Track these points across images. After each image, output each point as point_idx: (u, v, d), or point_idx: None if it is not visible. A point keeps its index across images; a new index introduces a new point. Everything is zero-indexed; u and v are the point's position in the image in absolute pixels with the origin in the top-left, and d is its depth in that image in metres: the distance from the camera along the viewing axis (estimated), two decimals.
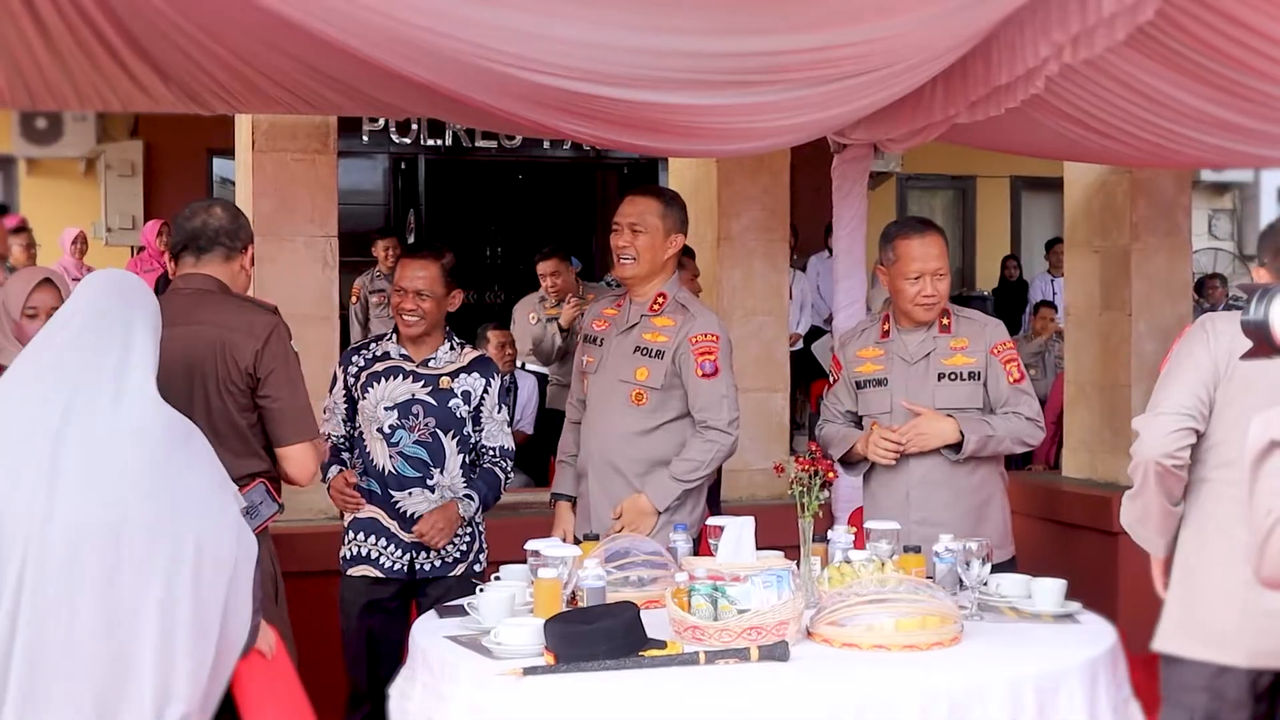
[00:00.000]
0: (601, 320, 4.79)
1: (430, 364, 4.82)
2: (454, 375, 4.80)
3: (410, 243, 11.57)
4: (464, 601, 3.80)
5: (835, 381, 4.86)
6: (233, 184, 7.41)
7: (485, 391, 4.83)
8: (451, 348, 4.88)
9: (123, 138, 12.47)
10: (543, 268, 8.61)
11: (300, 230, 6.46)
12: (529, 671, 3.21)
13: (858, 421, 4.77)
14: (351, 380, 4.85)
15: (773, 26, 4.14)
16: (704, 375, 4.53)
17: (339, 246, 6.54)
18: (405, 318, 4.79)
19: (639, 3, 3.96)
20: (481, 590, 3.78)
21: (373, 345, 4.93)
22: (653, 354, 4.58)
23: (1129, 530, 3.79)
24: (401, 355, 4.83)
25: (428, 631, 3.70)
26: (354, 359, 4.89)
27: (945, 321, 4.63)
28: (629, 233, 4.64)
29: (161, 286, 6.02)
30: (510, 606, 3.67)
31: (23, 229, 9.67)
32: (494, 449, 4.88)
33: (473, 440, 4.86)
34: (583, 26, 3.97)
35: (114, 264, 11.49)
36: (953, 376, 4.58)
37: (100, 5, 4.41)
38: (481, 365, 4.89)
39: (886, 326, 4.71)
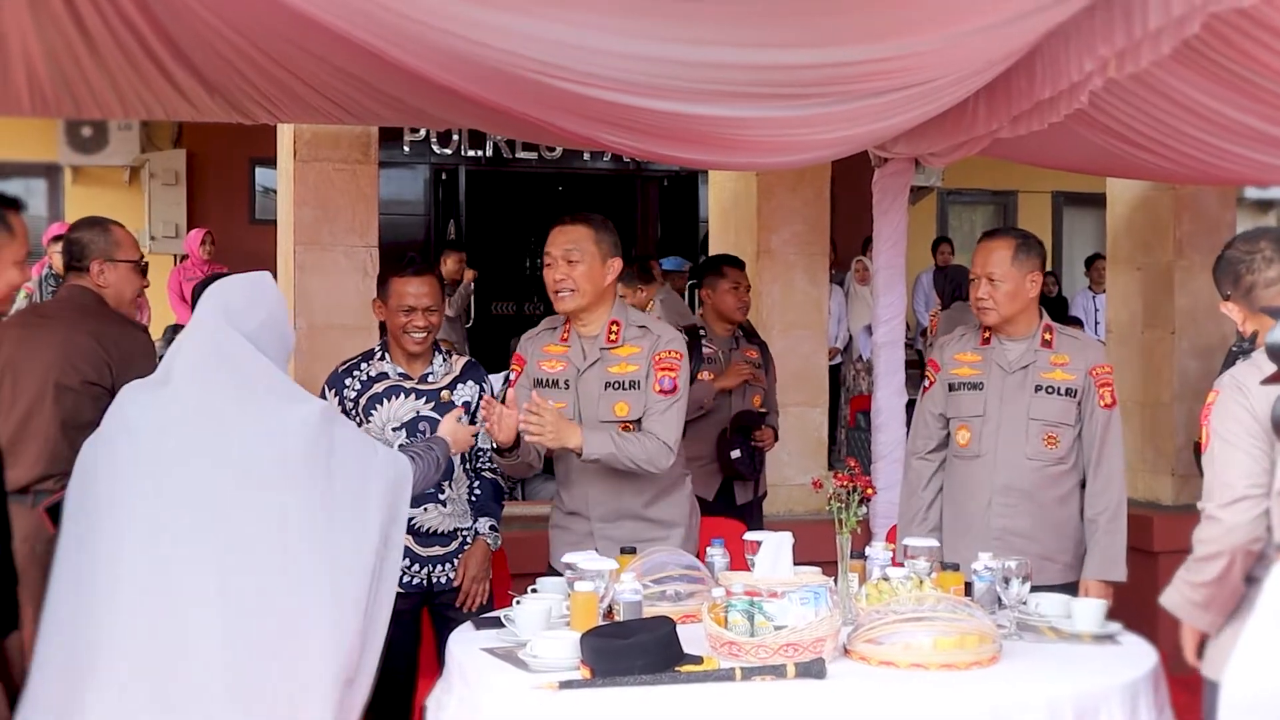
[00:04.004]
0: (551, 361, 4.51)
1: (429, 379, 4.74)
2: (451, 387, 4.74)
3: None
4: (501, 613, 3.79)
5: (931, 384, 4.86)
6: (274, 193, 7.45)
7: (480, 397, 4.73)
8: (443, 359, 4.81)
9: (166, 147, 12.57)
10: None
11: (340, 240, 6.49)
12: (565, 685, 3.20)
13: (946, 424, 4.78)
14: (349, 404, 4.70)
15: (817, 40, 4.13)
16: (662, 391, 4.38)
17: (378, 257, 6.57)
18: (414, 335, 4.67)
19: (684, 16, 3.95)
20: (518, 602, 3.76)
21: (364, 365, 4.77)
22: (626, 386, 4.41)
23: (1178, 610, 3.51)
24: (399, 374, 4.73)
25: (464, 643, 3.68)
26: (347, 381, 4.74)
27: (1048, 337, 4.62)
28: (564, 264, 4.39)
29: (200, 292, 6.05)
30: (547, 619, 3.65)
31: (63, 237, 9.74)
32: (486, 451, 4.76)
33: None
34: (627, 39, 3.97)
35: (158, 272, 11.58)
36: (1049, 390, 4.57)
37: (145, 15, 4.44)
38: (473, 371, 4.83)
39: (988, 334, 4.70)
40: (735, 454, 6.25)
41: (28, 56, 4.77)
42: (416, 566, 4.65)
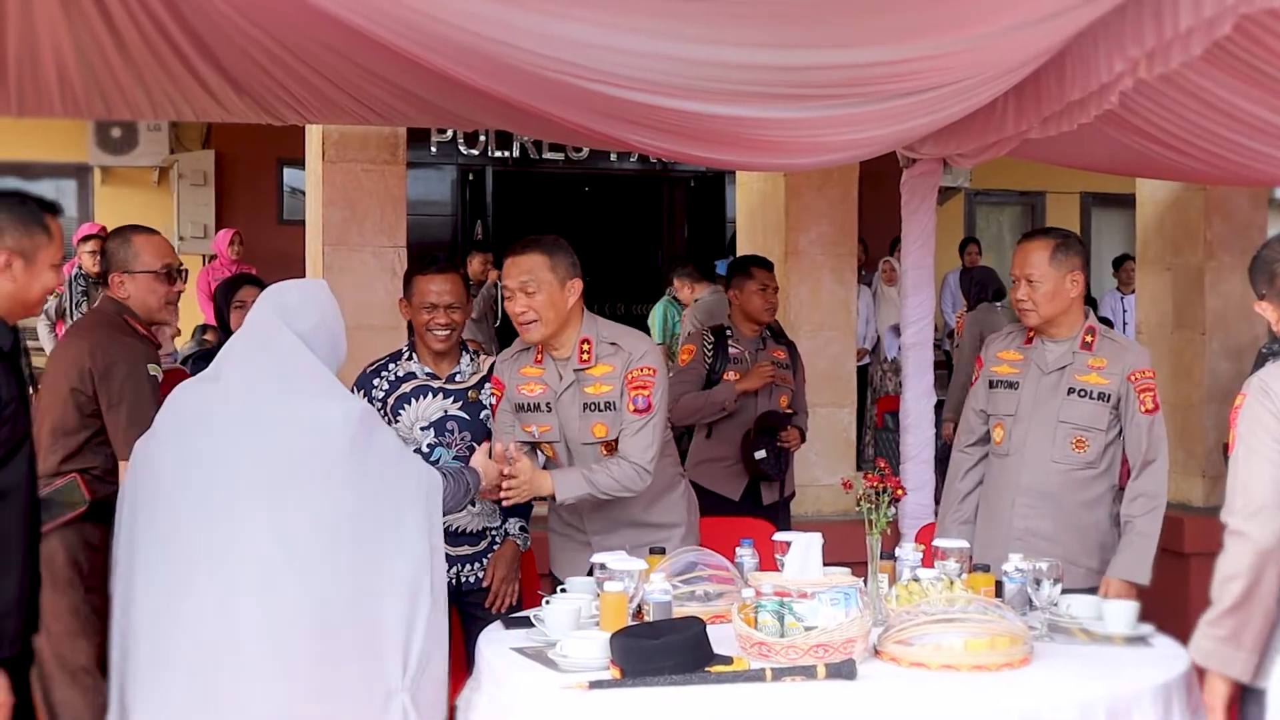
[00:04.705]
0: (528, 384, 4.44)
1: (456, 378, 4.74)
2: (479, 386, 4.74)
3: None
4: (530, 613, 3.79)
5: (976, 380, 4.87)
6: (302, 193, 7.48)
7: None
8: (471, 359, 4.80)
9: (195, 148, 12.63)
10: None
11: (369, 241, 6.51)
12: (595, 685, 3.20)
13: (987, 420, 4.78)
14: (378, 404, 4.69)
15: (846, 41, 4.12)
16: (636, 410, 4.31)
17: (406, 257, 6.58)
18: (438, 333, 4.67)
19: (711, 17, 3.94)
20: (547, 602, 3.77)
21: (392, 366, 4.77)
22: (603, 407, 4.36)
23: (1208, 659, 3.26)
24: (427, 374, 4.73)
25: (493, 642, 3.69)
26: (375, 381, 4.74)
27: (1089, 339, 4.59)
28: (523, 296, 4.29)
29: (225, 291, 6.13)
30: (576, 619, 3.65)
31: (92, 237, 9.81)
32: None
33: None
34: (654, 39, 3.96)
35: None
36: (1082, 393, 4.54)
37: (175, 16, 4.45)
38: None
39: (1032, 334, 4.68)
40: (760, 454, 6.23)
41: (59, 58, 4.79)
42: (446, 566, 4.65)
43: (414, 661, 3.45)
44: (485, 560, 4.72)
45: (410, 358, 4.76)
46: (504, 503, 4.29)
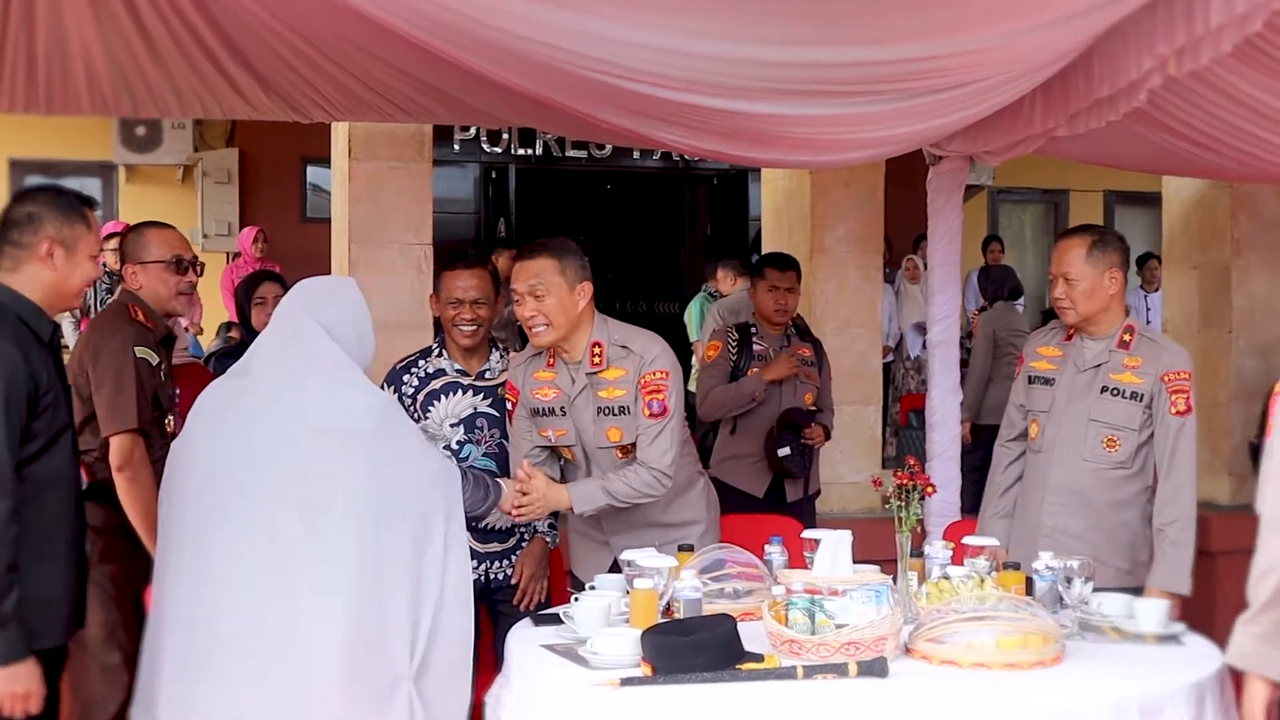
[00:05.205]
0: (542, 389, 4.42)
1: (486, 375, 4.74)
2: None
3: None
4: (559, 610, 3.80)
5: (1018, 375, 4.87)
6: (326, 192, 7.49)
7: None
8: (500, 356, 4.80)
9: (219, 145, 12.67)
10: None
11: (395, 238, 6.52)
12: (626, 682, 3.20)
13: (1026, 415, 4.78)
14: (407, 401, 4.69)
15: (875, 38, 4.11)
16: (651, 415, 4.29)
17: (432, 255, 6.58)
18: (463, 329, 4.66)
19: (741, 14, 3.94)
20: (576, 599, 3.77)
21: (421, 362, 4.77)
22: (616, 412, 4.34)
23: (1245, 660, 3.19)
24: (457, 370, 4.72)
25: (523, 639, 3.69)
26: (405, 378, 4.74)
27: (1127, 338, 4.56)
28: (532, 300, 4.27)
29: (246, 288, 6.11)
30: (606, 616, 3.66)
31: (115, 235, 9.84)
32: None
33: None
34: (685, 37, 3.96)
35: (211, 270, 11.65)
36: (1115, 392, 4.52)
37: (203, 14, 4.47)
38: None
39: (1072, 331, 4.67)
40: (784, 452, 6.21)
41: (88, 56, 4.81)
42: (474, 563, 4.62)
43: (420, 650, 3.50)
44: (514, 557, 4.72)
45: (440, 354, 4.76)
46: (517, 520, 4.32)
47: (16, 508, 3.29)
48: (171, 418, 4.55)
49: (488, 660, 4.68)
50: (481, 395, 4.69)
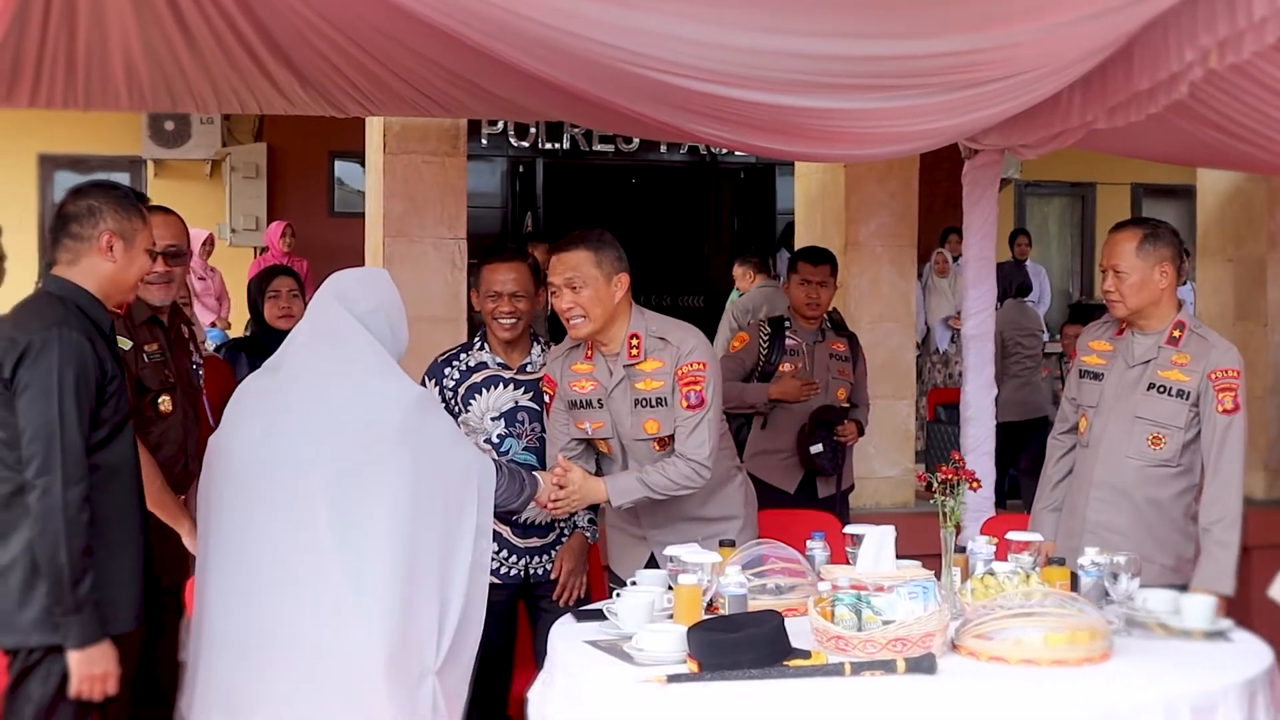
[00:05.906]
0: (580, 381, 4.42)
1: (527, 369, 4.72)
2: None
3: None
4: (602, 606, 3.79)
5: (1070, 369, 4.86)
6: (353, 187, 7.50)
7: None
8: (542, 350, 4.77)
9: (247, 140, 12.70)
10: None
11: (429, 232, 6.53)
12: (673, 679, 3.19)
13: (1077, 409, 4.75)
14: (449, 394, 4.68)
15: (913, 32, 4.09)
16: (689, 407, 4.28)
17: (466, 249, 6.59)
18: (502, 321, 4.65)
19: (779, 8, 3.92)
20: (617, 595, 3.76)
21: (463, 356, 4.74)
22: (654, 404, 4.33)
23: None
24: (498, 364, 4.70)
25: (566, 635, 3.69)
26: (446, 371, 4.72)
27: (1176, 334, 4.52)
28: (569, 292, 4.27)
29: (259, 282, 6.20)
30: (650, 612, 3.64)
31: None
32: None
33: None
34: (723, 29, 3.95)
35: (239, 265, 11.73)
36: (1161, 389, 4.48)
37: (244, 10, 4.47)
38: None
39: (1124, 325, 4.64)
40: (816, 449, 6.19)
41: (128, 53, 4.82)
42: (514, 558, 4.65)
43: (446, 644, 3.54)
44: (554, 553, 4.70)
45: (481, 348, 4.74)
46: (553, 514, 4.32)
47: (88, 493, 3.34)
48: (167, 395, 4.43)
49: (526, 656, 4.69)
50: (523, 389, 4.68)
